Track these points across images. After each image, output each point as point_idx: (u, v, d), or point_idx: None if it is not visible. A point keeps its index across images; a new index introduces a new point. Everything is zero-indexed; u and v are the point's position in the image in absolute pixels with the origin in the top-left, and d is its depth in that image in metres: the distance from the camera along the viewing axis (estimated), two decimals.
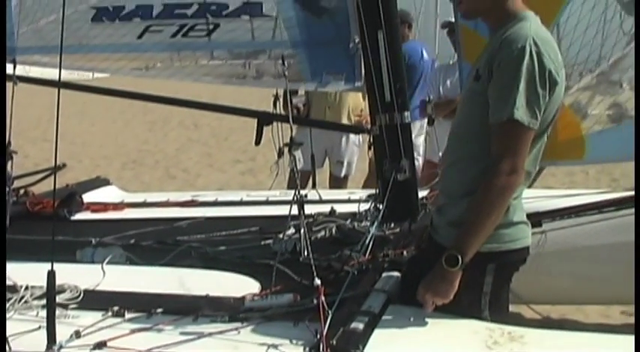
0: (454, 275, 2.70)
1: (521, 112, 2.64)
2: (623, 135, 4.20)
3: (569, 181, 10.96)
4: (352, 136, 7.31)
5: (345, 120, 7.04)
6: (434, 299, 2.76)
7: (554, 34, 3.80)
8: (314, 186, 5.05)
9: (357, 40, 4.15)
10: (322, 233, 4.04)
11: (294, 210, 3.33)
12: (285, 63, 3.67)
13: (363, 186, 7.05)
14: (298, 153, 3.29)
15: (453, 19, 4.65)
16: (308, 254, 3.17)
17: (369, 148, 4.43)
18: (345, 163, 7.32)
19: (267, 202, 5.00)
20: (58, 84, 2.77)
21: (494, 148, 2.71)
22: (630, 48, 4.03)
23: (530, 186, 5.89)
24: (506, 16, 2.82)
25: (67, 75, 4.53)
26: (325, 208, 4.47)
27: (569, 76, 3.99)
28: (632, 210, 3.86)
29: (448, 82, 6.79)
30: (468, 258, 2.69)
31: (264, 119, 4.26)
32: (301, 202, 3.24)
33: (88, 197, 5.15)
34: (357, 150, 7.41)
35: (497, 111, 2.69)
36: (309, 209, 4.32)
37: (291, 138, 3.33)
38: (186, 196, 5.42)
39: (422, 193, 4.52)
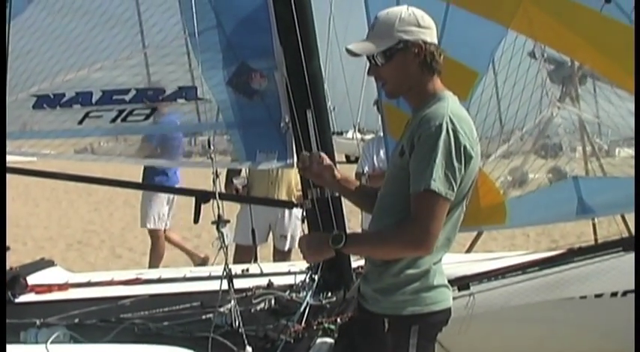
0: (330, 251, 2.99)
1: (438, 184, 2.81)
2: (542, 200, 4.44)
3: (510, 244, 11.19)
4: (295, 211, 7.45)
5: (287, 197, 7.22)
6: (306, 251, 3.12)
7: (472, 108, 4.05)
8: (255, 259, 5.18)
9: (287, 120, 4.35)
10: (261, 305, 4.17)
11: (228, 285, 3.49)
12: (212, 145, 3.85)
13: None
14: (226, 229, 3.45)
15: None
16: (239, 324, 3.32)
17: (302, 222, 4.58)
18: (289, 237, 7.43)
19: (209, 277, 5.09)
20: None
21: (412, 215, 2.87)
22: (548, 112, 4.29)
23: (469, 251, 6.05)
24: (426, 96, 3.02)
25: (9, 158, 4.64)
26: (266, 281, 4.59)
27: (487, 145, 4.25)
28: (553, 270, 4.08)
29: (382, 154, 6.97)
30: (347, 252, 3.14)
31: (201, 197, 4.41)
32: (230, 276, 3.40)
33: (33, 279, 5.14)
34: (299, 224, 7.54)
35: (416, 182, 2.87)
36: (250, 282, 4.49)
37: (219, 215, 3.50)
38: (130, 274, 5.46)
39: (358, 263, 4.69)
